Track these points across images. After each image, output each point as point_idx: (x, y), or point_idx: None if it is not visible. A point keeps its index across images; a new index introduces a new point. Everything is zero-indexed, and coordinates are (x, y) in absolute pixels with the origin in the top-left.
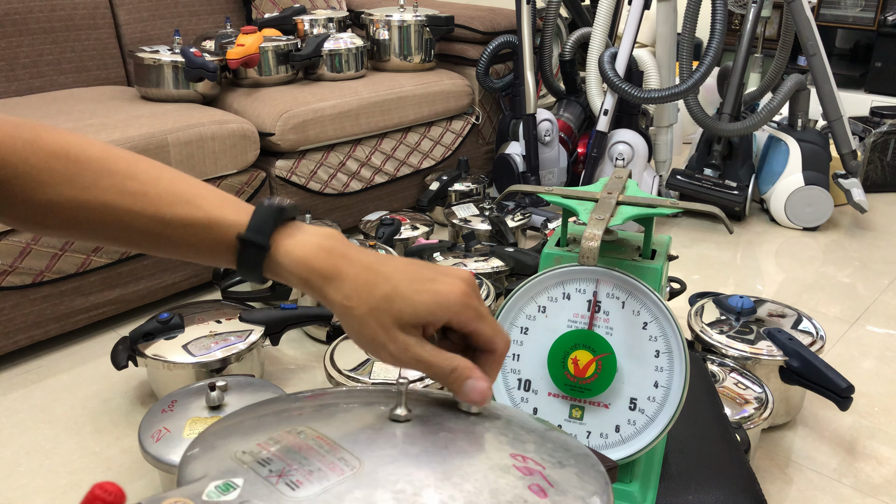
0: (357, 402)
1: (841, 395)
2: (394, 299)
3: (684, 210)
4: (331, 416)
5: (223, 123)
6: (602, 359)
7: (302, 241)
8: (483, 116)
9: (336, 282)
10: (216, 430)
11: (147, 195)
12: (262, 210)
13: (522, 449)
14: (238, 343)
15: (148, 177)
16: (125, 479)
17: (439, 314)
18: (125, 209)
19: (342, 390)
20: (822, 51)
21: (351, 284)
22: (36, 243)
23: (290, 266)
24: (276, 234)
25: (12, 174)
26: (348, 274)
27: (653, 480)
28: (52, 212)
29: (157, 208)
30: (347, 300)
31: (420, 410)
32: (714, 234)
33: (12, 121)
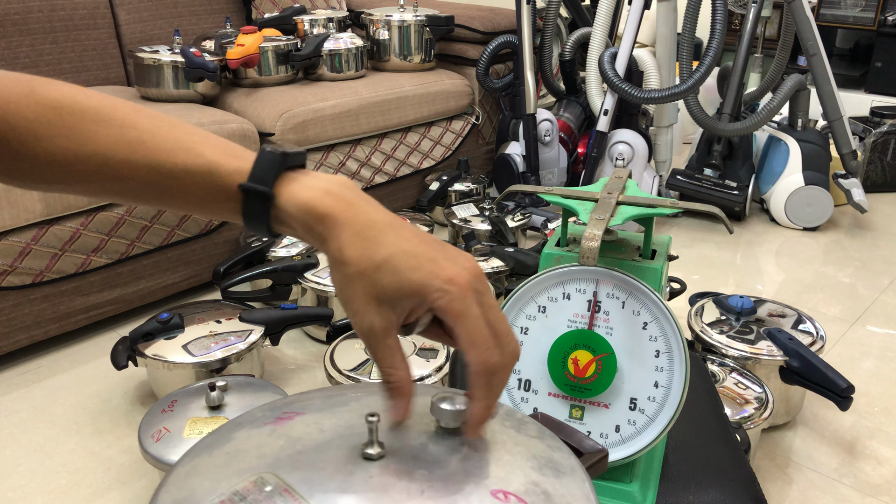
0: (329, 428)
1: (841, 395)
2: (383, 270)
3: (684, 210)
4: (299, 456)
5: (223, 123)
6: (602, 359)
7: (308, 185)
8: (483, 116)
9: (337, 230)
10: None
11: (145, 144)
12: (265, 156)
13: (505, 483)
14: (238, 343)
15: (147, 125)
16: (125, 479)
17: (423, 296)
18: (123, 159)
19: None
20: (822, 51)
21: (349, 236)
22: (36, 243)
23: (293, 211)
24: (281, 181)
25: (9, 128)
26: (351, 224)
27: (653, 480)
28: (51, 166)
29: (156, 157)
30: (341, 254)
31: (395, 441)
32: (714, 234)
33: (8, 75)
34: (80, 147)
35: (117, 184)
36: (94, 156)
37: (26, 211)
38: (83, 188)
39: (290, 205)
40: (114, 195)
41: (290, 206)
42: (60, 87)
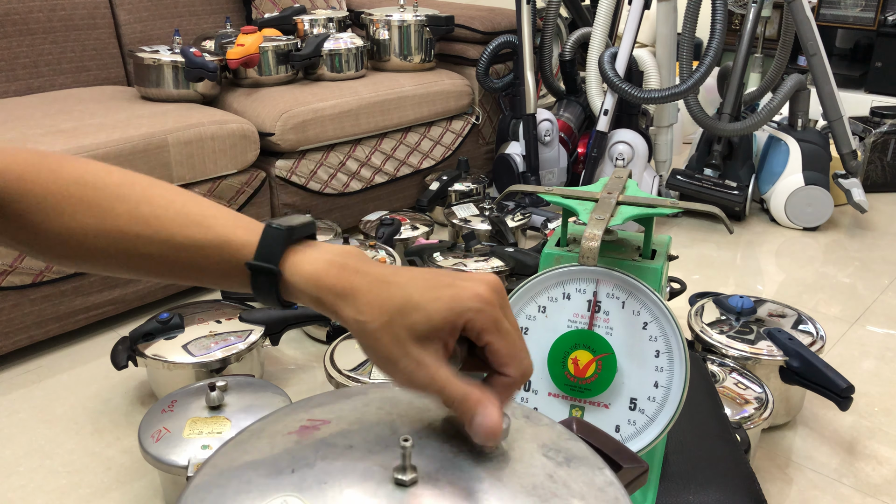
0: (357, 447)
1: (841, 395)
2: (407, 310)
3: (684, 210)
4: (326, 477)
5: (223, 123)
6: (602, 359)
7: (312, 258)
8: (483, 116)
9: (349, 298)
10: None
11: (159, 219)
12: (270, 232)
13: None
14: (238, 343)
15: (162, 201)
16: (125, 479)
17: (455, 321)
18: (138, 234)
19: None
20: (822, 51)
21: (364, 299)
22: None
23: (301, 284)
24: (287, 255)
25: (34, 203)
26: (361, 288)
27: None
28: (70, 241)
29: (170, 231)
30: (360, 315)
31: (427, 463)
32: (714, 234)
33: (42, 152)
34: (99, 223)
35: (132, 259)
36: (111, 231)
37: None
38: (102, 263)
39: (295, 278)
40: (129, 270)
41: (297, 279)
42: (87, 164)
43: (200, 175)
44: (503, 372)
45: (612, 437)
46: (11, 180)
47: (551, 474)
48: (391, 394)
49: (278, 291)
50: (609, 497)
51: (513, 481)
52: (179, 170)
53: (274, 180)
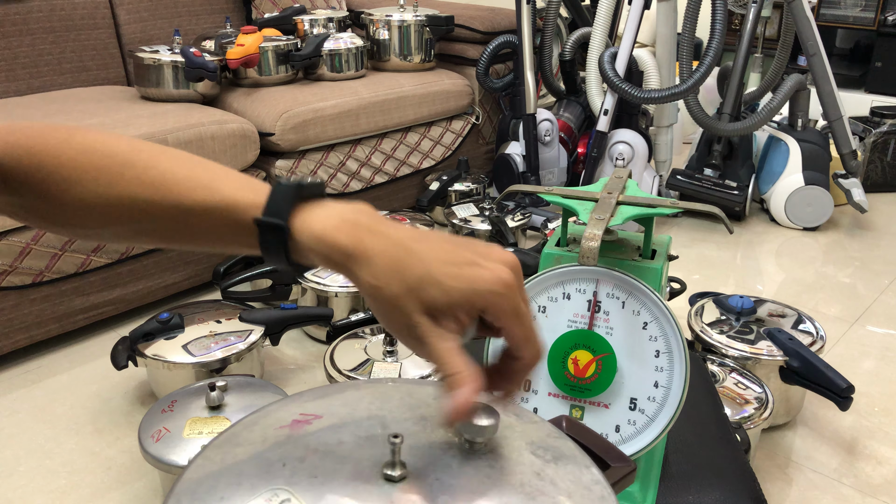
0: (348, 442)
1: (841, 395)
2: (426, 284)
3: (684, 210)
4: (317, 471)
5: (223, 123)
6: (602, 359)
7: (323, 215)
8: (483, 116)
9: (362, 259)
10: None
11: (166, 183)
12: (279, 189)
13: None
14: (238, 343)
15: (168, 165)
16: (125, 479)
17: (475, 302)
18: (147, 200)
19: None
20: (822, 51)
21: (380, 263)
22: (36, 243)
23: (310, 243)
24: (296, 213)
25: (47, 174)
26: (376, 250)
27: (653, 480)
28: (84, 210)
29: (178, 196)
30: (376, 279)
31: (417, 459)
32: (714, 234)
33: (50, 125)
34: (108, 190)
35: (144, 224)
36: (121, 198)
37: None
38: (114, 231)
39: (305, 236)
40: (143, 237)
41: (306, 237)
42: (96, 134)
43: None
44: (518, 356)
45: (601, 436)
46: (22, 154)
47: (539, 472)
48: (383, 389)
49: (287, 249)
50: (595, 495)
51: (501, 478)
52: None
53: (274, 180)
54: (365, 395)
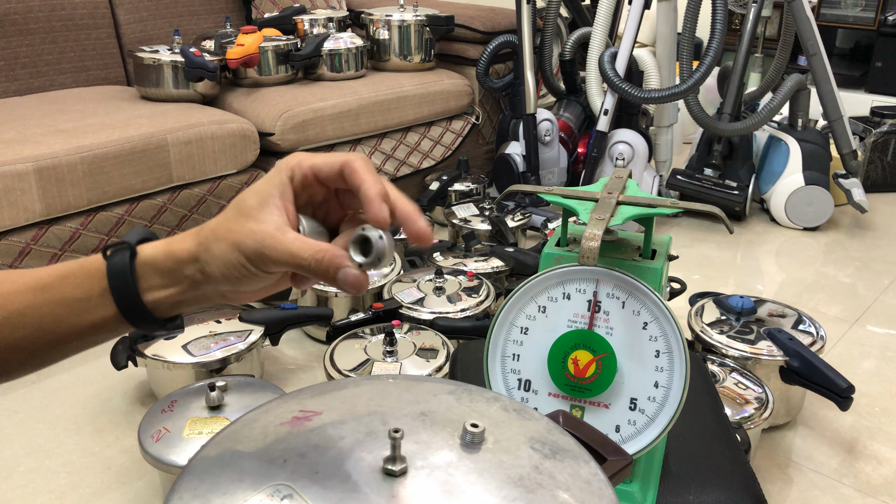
0: (348, 437)
1: (841, 395)
2: (236, 201)
3: (684, 210)
4: (318, 467)
5: (223, 123)
6: (602, 359)
7: (163, 240)
8: (483, 116)
9: (193, 233)
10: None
11: (25, 275)
12: (129, 233)
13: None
14: (238, 343)
15: (10, 271)
16: (125, 479)
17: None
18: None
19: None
20: (822, 50)
21: (204, 225)
22: (36, 243)
23: (152, 250)
24: (142, 245)
25: None
26: (203, 225)
27: (653, 480)
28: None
29: (36, 276)
30: (200, 234)
31: (417, 454)
32: (714, 234)
33: None
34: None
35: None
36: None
37: (26, 211)
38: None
39: (148, 249)
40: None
41: (149, 249)
42: None
43: (200, 175)
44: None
45: (597, 431)
46: None
47: (537, 466)
48: (382, 386)
49: (134, 274)
50: (593, 488)
51: (500, 472)
52: (179, 170)
53: None
54: (364, 391)
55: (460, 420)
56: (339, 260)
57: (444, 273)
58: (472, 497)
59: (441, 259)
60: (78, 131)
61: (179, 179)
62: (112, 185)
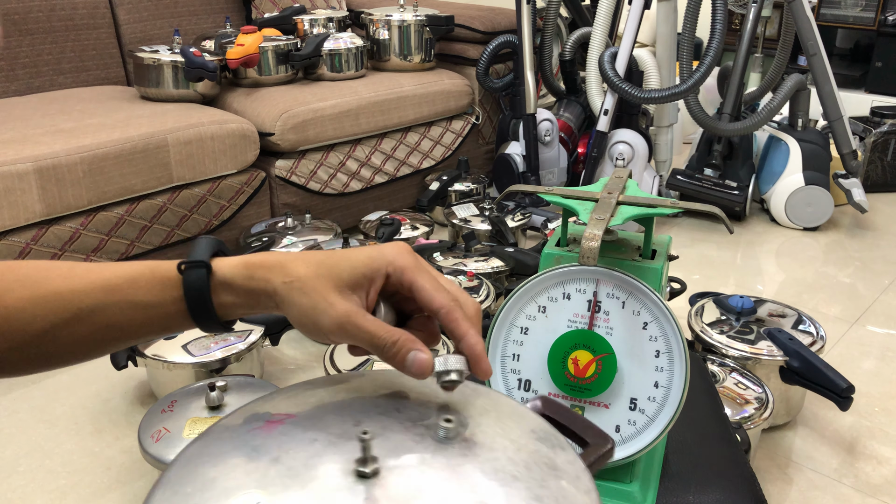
0: (321, 440)
1: (841, 395)
2: (330, 262)
3: (684, 210)
4: (290, 472)
5: (223, 123)
6: (602, 359)
7: (238, 257)
8: (483, 116)
9: (277, 264)
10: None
11: (91, 271)
12: (199, 242)
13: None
14: (238, 343)
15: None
16: (125, 479)
17: (378, 266)
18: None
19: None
20: (822, 51)
21: (292, 265)
22: (36, 243)
23: (230, 271)
24: (214, 260)
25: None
26: (290, 259)
27: (653, 480)
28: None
29: (103, 275)
30: (287, 276)
31: (390, 453)
32: (714, 234)
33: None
34: (33, 293)
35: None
36: (47, 295)
37: (26, 211)
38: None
39: (226, 268)
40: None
41: (226, 269)
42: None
43: (200, 175)
44: (434, 305)
45: (579, 415)
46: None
47: (512, 457)
48: (357, 384)
49: (209, 288)
50: (570, 475)
51: (474, 467)
52: (179, 170)
53: (274, 180)
54: (338, 390)
55: (433, 414)
56: (412, 344)
57: (444, 273)
58: (444, 495)
59: (441, 259)
60: (78, 131)
61: (179, 179)
62: (112, 185)
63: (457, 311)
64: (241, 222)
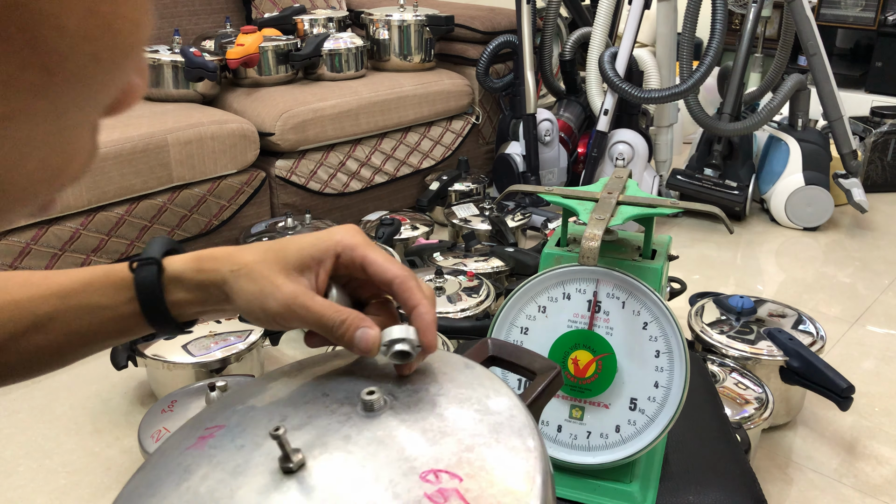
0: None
1: (841, 395)
2: (277, 247)
3: (684, 210)
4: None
5: (223, 123)
6: (602, 359)
7: (190, 253)
8: (483, 116)
9: (226, 254)
10: None
11: (48, 277)
12: (151, 241)
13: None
14: (238, 343)
15: (39, 273)
16: (125, 479)
17: (326, 245)
18: (31, 297)
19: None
20: (822, 51)
21: (240, 251)
22: (36, 243)
23: (181, 264)
24: (167, 257)
25: None
26: (238, 249)
27: (653, 480)
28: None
29: (59, 281)
30: (234, 265)
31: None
32: (714, 234)
33: None
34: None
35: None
36: (7, 304)
37: None
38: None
39: (176, 263)
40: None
41: (177, 263)
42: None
43: (200, 175)
44: (388, 276)
45: (523, 348)
46: None
47: (441, 414)
48: (286, 379)
49: (161, 286)
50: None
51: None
52: (179, 170)
53: (274, 180)
54: (267, 389)
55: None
56: (360, 322)
57: (444, 273)
58: (372, 469)
59: (441, 259)
60: None
61: (179, 179)
62: (112, 185)
63: (410, 281)
64: (241, 222)
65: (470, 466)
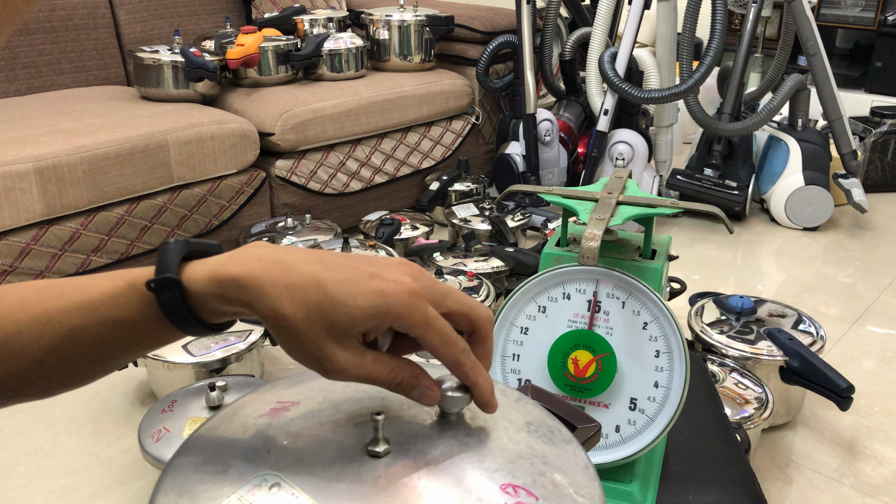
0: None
1: (841, 395)
2: (327, 307)
3: (684, 210)
4: (302, 454)
5: (223, 123)
6: (602, 359)
7: (211, 260)
8: (483, 116)
9: (255, 288)
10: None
11: (79, 289)
12: (167, 248)
13: (513, 477)
14: (238, 343)
15: (64, 281)
16: (125, 479)
17: (382, 318)
18: (56, 308)
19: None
20: (822, 51)
21: (273, 290)
22: (36, 243)
23: (205, 287)
24: (185, 266)
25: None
26: (268, 277)
27: (653, 480)
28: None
29: (85, 293)
30: (273, 311)
31: (399, 434)
32: (714, 234)
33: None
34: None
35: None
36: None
37: (26, 211)
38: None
39: (197, 283)
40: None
41: (199, 283)
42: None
43: (200, 175)
44: (441, 362)
45: (564, 400)
46: None
47: (513, 437)
48: None
49: (187, 306)
50: (568, 453)
51: (480, 445)
52: (179, 170)
53: (274, 180)
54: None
55: None
56: (415, 381)
57: (444, 273)
58: (455, 471)
59: (441, 259)
60: (78, 131)
61: (179, 179)
62: (112, 185)
63: (465, 364)
64: (241, 222)
65: (544, 489)
